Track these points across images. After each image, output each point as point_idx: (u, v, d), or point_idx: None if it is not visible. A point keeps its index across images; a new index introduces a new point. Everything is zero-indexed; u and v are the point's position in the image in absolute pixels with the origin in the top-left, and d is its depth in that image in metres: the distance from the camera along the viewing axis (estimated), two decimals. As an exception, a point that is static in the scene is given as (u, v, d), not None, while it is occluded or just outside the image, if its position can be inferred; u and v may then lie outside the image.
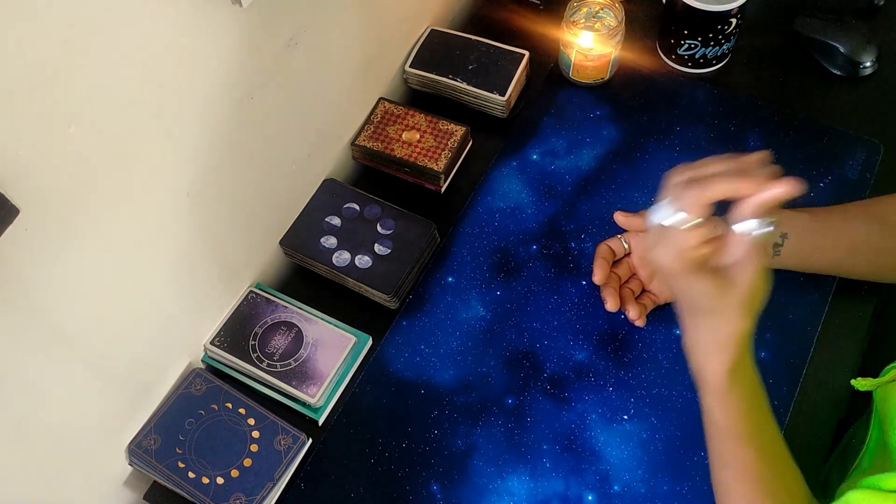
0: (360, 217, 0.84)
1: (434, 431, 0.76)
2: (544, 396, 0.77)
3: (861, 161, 0.86)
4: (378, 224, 0.83)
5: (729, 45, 0.92)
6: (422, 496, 0.73)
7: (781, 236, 0.72)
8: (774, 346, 0.77)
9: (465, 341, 0.80)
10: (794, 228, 0.72)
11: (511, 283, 0.83)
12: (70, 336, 0.63)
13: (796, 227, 0.72)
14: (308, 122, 0.83)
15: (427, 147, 0.89)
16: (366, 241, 0.82)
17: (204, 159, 0.70)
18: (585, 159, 0.90)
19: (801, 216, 0.73)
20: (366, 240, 0.82)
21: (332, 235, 0.83)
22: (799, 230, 0.72)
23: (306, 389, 0.77)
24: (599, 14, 0.92)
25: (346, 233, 0.83)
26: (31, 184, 0.53)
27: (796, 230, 0.72)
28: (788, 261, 0.74)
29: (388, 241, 0.82)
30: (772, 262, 0.74)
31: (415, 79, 0.96)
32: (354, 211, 0.84)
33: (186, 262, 0.74)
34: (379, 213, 0.84)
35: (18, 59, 0.49)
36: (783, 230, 0.72)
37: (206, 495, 0.72)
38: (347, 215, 0.83)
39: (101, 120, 0.57)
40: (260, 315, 0.82)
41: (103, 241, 0.62)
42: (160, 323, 0.74)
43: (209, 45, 0.64)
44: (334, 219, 0.84)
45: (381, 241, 0.81)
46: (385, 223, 0.82)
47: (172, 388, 0.78)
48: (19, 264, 0.55)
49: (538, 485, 0.72)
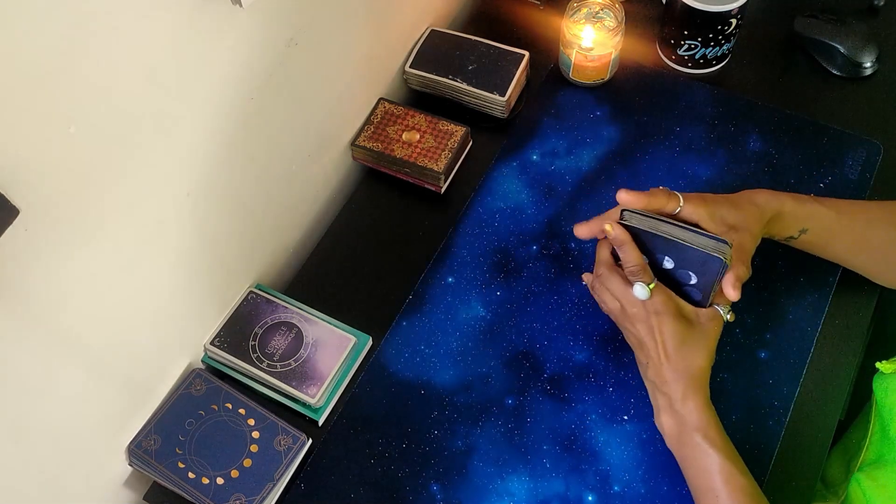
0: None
1: (434, 431, 0.76)
2: (544, 397, 0.77)
3: (861, 161, 0.86)
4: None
5: (729, 45, 0.92)
6: (422, 496, 0.73)
7: (800, 231, 0.72)
8: (774, 346, 0.77)
9: (465, 342, 0.80)
10: (815, 226, 0.72)
11: (511, 283, 0.83)
12: (70, 336, 0.63)
13: (817, 225, 0.72)
14: (308, 122, 0.83)
15: (427, 147, 0.89)
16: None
17: (204, 159, 0.70)
18: (585, 159, 0.90)
19: (827, 215, 0.72)
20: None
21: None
22: (819, 228, 0.72)
23: (306, 390, 0.77)
24: (599, 14, 0.92)
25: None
26: (32, 184, 0.53)
27: (816, 228, 0.72)
28: (801, 247, 0.75)
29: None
30: (785, 243, 0.75)
31: (415, 79, 0.96)
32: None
33: (186, 262, 0.74)
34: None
35: (19, 60, 0.49)
36: (804, 226, 0.72)
37: (206, 496, 0.72)
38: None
39: (102, 120, 0.57)
40: (260, 315, 0.82)
41: (103, 241, 0.62)
42: (160, 323, 0.74)
43: (209, 46, 0.64)
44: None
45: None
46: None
47: (172, 389, 0.78)
48: (19, 264, 0.55)
49: (538, 485, 0.72)
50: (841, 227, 0.72)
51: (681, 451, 0.66)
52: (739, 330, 0.78)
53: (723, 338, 0.77)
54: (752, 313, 0.79)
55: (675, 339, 0.66)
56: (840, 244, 0.74)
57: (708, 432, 0.64)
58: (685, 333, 0.66)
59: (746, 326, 0.78)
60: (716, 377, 0.76)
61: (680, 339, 0.66)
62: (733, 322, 0.78)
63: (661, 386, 0.67)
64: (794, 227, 0.72)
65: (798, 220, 0.71)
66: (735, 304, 0.78)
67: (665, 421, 0.67)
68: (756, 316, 0.79)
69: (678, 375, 0.66)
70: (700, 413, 0.65)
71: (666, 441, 0.68)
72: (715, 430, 0.65)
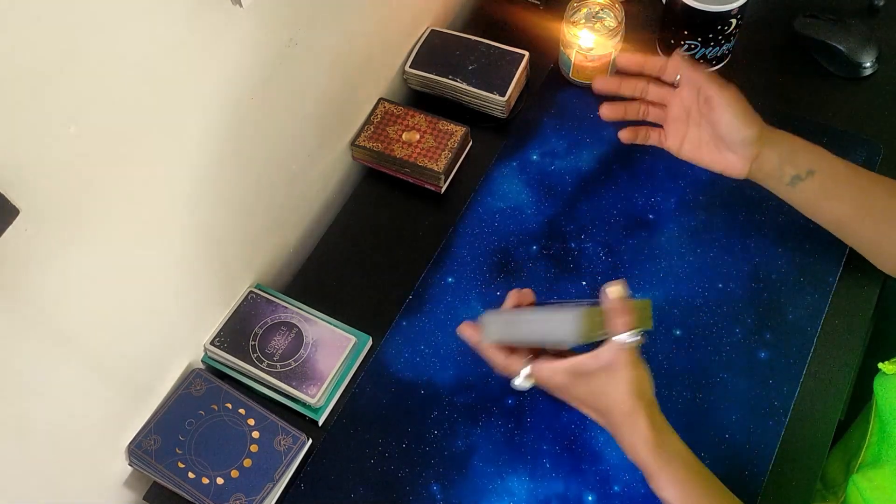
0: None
1: (434, 431, 0.76)
2: (544, 397, 0.77)
3: (861, 161, 0.86)
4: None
5: (729, 45, 0.92)
6: (422, 496, 0.73)
7: (808, 172, 0.71)
8: (774, 346, 0.77)
9: (464, 342, 0.80)
10: (824, 169, 0.71)
11: (511, 283, 0.83)
12: (70, 336, 0.63)
13: (826, 169, 0.71)
14: (308, 122, 0.83)
15: (427, 147, 0.89)
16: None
17: (204, 159, 0.70)
18: (585, 159, 0.90)
19: (837, 162, 0.71)
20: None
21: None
22: (826, 174, 0.71)
23: (306, 390, 0.77)
24: (599, 14, 0.92)
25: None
26: (32, 184, 0.53)
27: (824, 172, 0.71)
28: (801, 196, 0.73)
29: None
30: (785, 192, 0.73)
31: (415, 79, 0.96)
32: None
33: (186, 262, 0.74)
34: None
35: (19, 60, 0.49)
36: (813, 166, 0.70)
37: (206, 496, 0.72)
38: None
39: (102, 120, 0.57)
40: (260, 315, 0.82)
41: (103, 240, 0.62)
42: (160, 323, 0.74)
43: (209, 46, 0.64)
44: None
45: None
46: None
47: (172, 389, 0.78)
48: (19, 264, 0.55)
49: (538, 485, 0.72)
50: (848, 179, 0.71)
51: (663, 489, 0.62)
52: (739, 330, 0.78)
53: (723, 338, 0.78)
54: (752, 313, 0.79)
55: (589, 396, 0.63)
56: (844, 201, 0.72)
57: (668, 472, 0.60)
58: (593, 386, 0.62)
59: (746, 326, 0.78)
60: (716, 377, 0.76)
61: (593, 393, 0.62)
62: (733, 322, 0.78)
63: (616, 437, 0.63)
64: (804, 164, 0.70)
65: (806, 155, 0.70)
66: (735, 305, 0.79)
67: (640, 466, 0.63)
68: (756, 316, 0.79)
69: (618, 425, 0.62)
70: (652, 457, 0.60)
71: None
72: (673, 467, 0.60)
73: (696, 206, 0.85)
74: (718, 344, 0.77)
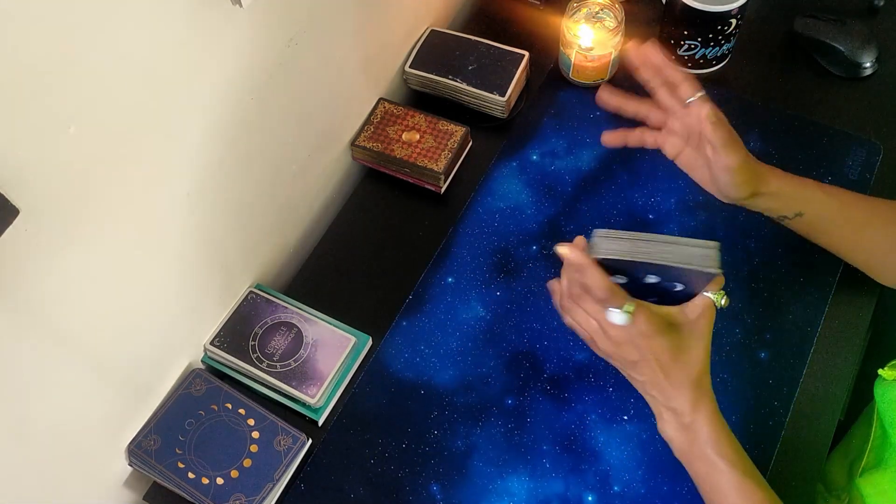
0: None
1: (434, 431, 0.76)
2: (544, 397, 0.77)
3: (861, 161, 0.86)
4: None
5: (729, 45, 0.92)
6: (422, 496, 0.73)
7: (795, 214, 0.71)
8: (774, 346, 0.77)
9: (464, 342, 0.80)
10: (812, 212, 0.71)
11: (511, 283, 0.83)
12: (70, 336, 0.63)
13: (814, 211, 0.71)
14: (308, 122, 0.83)
15: (427, 147, 0.89)
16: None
17: (204, 159, 0.70)
18: (585, 160, 0.90)
19: (826, 203, 0.71)
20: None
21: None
22: (815, 215, 0.71)
23: (306, 390, 0.77)
24: (599, 14, 0.92)
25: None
26: (32, 184, 0.53)
27: (813, 214, 0.71)
28: (796, 229, 0.74)
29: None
30: (777, 220, 0.73)
31: (415, 79, 0.96)
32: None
33: (186, 263, 0.74)
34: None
35: (19, 60, 0.49)
36: (801, 209, 0.70)
37: (205, 496, 0.72)
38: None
39: (102, 120, 0.57)
40: (260, 315, 0.82)
41: (103, 241, 0.62)
42: (160, 323, 0.74)
43: (209, 46, 0.64)
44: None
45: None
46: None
47: (172, 389, 0.78)
48: (19, 264, 0.55)
49: (538, 485, 0.72)
50: (840, 218, 0.71)
51: (692, 466, 0.63)
52: (739, 330, 0.78)
53: (723, 338, 0.78)
54: (752, 313, 0.79)
55: (669, 353, 0.61)
56: (837, 236, 0.73)
57: (720, 447, 0.61)
58: (678, 343, 0.62)
59: (746, 326, 0.78)
60: (716, 377, 0.75)
61: (674, 352, 0.61)
62: (733, 322, 0.78)
63: (665, 402, 0.63)
64: (790, 207, 0.70)
65: (796, 202, 0.70)
66: (735, 305, 0.79)
67: (673, 436, 0.63)
68: (756, 316, 0.79)
69: (682, 389, 0.62)
70: (711, 426, 0.61)
71: (674, 452, 0.64)
72: (727, 442, 0.61)
73: (696, 206, 0.85)
74: (718, 344, 0.77)
